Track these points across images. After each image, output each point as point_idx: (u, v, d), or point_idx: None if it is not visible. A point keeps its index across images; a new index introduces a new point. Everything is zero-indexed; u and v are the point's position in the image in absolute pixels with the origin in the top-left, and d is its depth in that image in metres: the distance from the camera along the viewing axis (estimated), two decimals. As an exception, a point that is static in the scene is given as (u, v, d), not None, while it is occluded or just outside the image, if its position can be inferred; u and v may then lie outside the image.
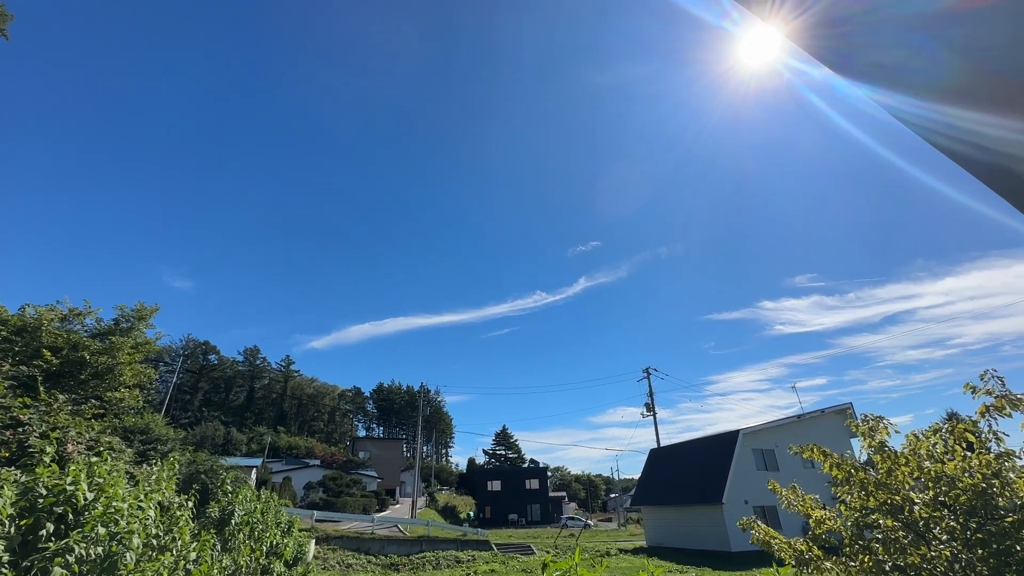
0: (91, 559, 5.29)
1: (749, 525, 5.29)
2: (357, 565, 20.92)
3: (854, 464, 4.65)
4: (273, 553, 11.86)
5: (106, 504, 5.72)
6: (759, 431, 28.75)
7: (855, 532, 4.81)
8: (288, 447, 79.86)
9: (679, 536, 28.09)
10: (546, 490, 68.66)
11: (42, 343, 11.34)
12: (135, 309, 13.97)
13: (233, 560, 10.15)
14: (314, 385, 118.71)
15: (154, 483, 7.66)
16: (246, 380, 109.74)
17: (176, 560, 6.63)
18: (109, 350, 12.65)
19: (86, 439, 9.18)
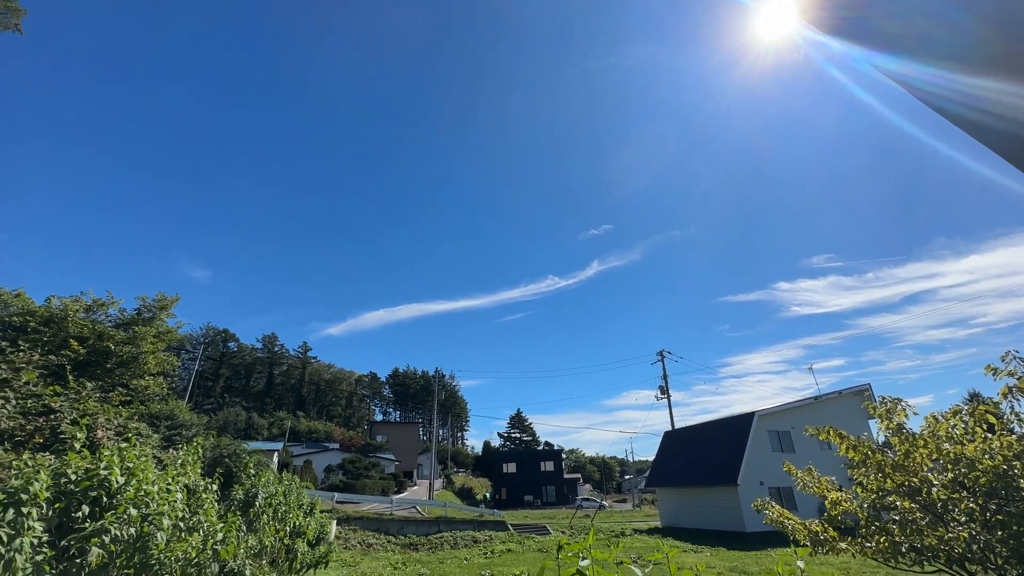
0: (125, 539, 5.52)
1: (763, 507, 5.29)
2: (377, 545, 21.48)
3: (871, 446, 4.61)
4: (296, 533, 12.22)
5: (137, 487, 5.94)
6: (775, 413, 28.59)
7: (871, 514, 4.80)
8: (308, 431, 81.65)
9: (694, 517, 28.27)
10: (561, 472, 69.43)
11: (69, 333, 11.67)
12: (156, 299, 14.28)
13: (259, 540, 10.48)
14: (331, 371, 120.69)
15: (180, 467, 7.92)
16: (265, 367, 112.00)
17: (204, 540, 6.88)
18: (133, 339, 12.98)
19: (115, 425, 9.49)
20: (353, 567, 15.25)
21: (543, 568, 2.55)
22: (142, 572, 5.72)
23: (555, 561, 2.59)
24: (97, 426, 8.73)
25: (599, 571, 2.44)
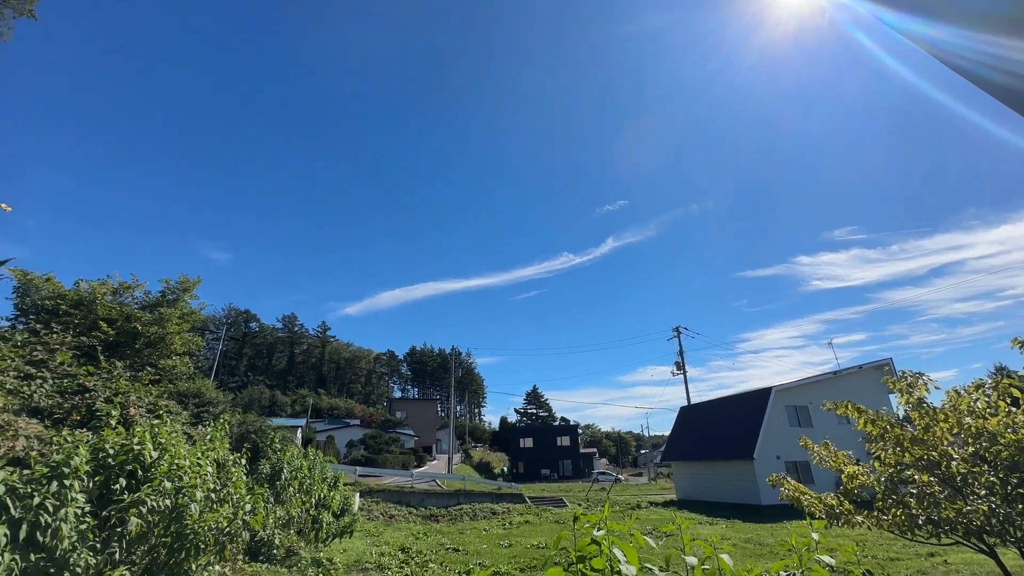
0: (161, 510, 5.80)
1: (779, 481, 5.32)
2: (399, 516, 22.21)
3: (889, 420, 4.58)
4: (322, 505, 12.69)
5: (170, 461, 6.21)
6: (793, 388, 28.41)
7: (888, 487, 4.80)
8: (329, 408, 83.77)
9: (709, 490, 28.53)
10: (577, 446, 70.39)
11: (98, 316, 12.05)
12: (179, 282, 14.62)
13: (286, 511, 10.93)
14: (350, 349, 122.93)
15: (209, 442, 8.24)
16: (286, 346, 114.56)
17: (235, 511, 7.20)
18: (159, 321, 13.36)
19: (146, 403, 9.86)
20: (377, 537, 15.83)
21: (559, 537, 2.63)
22: (178, 540, 6.03)
23: (571, 531, 2.66)
24: (129, 404, 9.08)
25: (614, 540, 2.50)
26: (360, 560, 11.56)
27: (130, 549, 5.59)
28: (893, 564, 11.16)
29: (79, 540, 4.82)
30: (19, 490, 4.41)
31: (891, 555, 12.06)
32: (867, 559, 11.69)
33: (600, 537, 2.44)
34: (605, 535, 2.45)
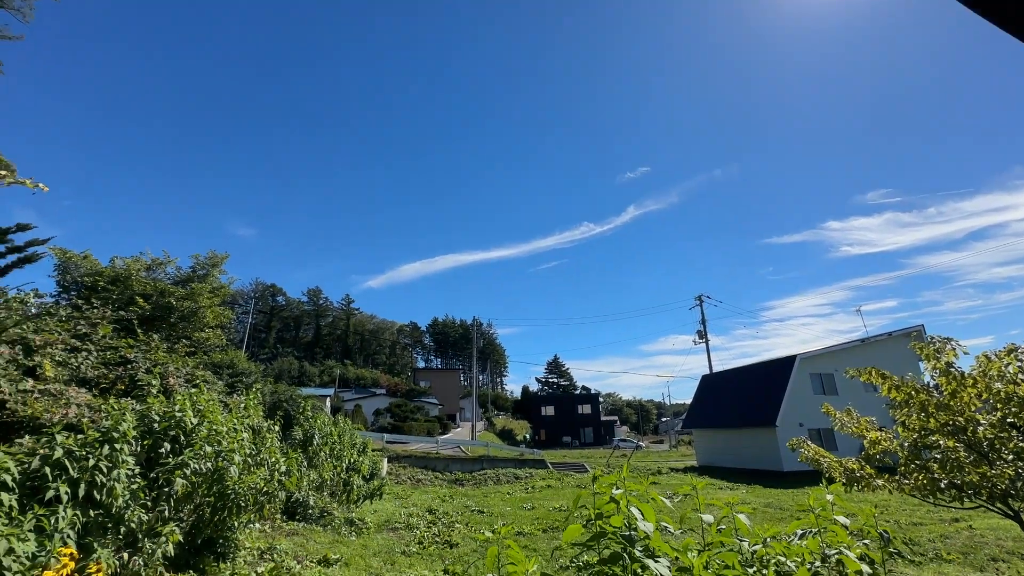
0: (203, 472, 6.17)
1: (798, 445, 5.35)
2: (426, 480, 23.07)
3: (914, 386, 4.52)
4: (352, 469, 13.27)
5: (208, 428, 6.56)
6: (818, 356, 28.02)
7: (912, 452, 4.77)
8: (356, 378, 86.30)
9: (730, 457, 28.72)
10: (598, 414, 71.25)
11: (134, 291, 12.54)
12: (208, 257, 15.05)
13: (319, 475, 11.48)
14: (374, 322, 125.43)
15: (244, 410, 8.64)
16: (312, 319, 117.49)
17: (271, 473, 7.61)
18: (191, 295, 13.83)
19: (183, 373, 10.33)
20: (405, 499, 16.52)
21: (578, 496, 2.73)
22: (220, 500, 6.43)
23: (591, 491, 2.75)
24: (168, 374, 9.54)
25: (632, 500, 2.59)
26: (390, 520, 12.13)
27: (177, 507, 6.00)
28: (916, 528, 11.17)
29: (132, 498, 5.19)
30: (75, 452, 4.75)
31: (914, 520, 12.06)
32: (889, 523, 11.72)
33: (618, 496, 2.53)
34: (623, 494, 2.54)
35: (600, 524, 2.56)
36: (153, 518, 5.56)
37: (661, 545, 2.46)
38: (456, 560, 8.65)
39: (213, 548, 6.48)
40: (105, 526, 4.89)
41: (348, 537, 9.75)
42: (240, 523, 6.86)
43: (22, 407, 6.27)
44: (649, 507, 2.51)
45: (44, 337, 7.87)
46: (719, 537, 2.97)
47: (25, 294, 9.22)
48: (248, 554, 6.96)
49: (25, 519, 4.05)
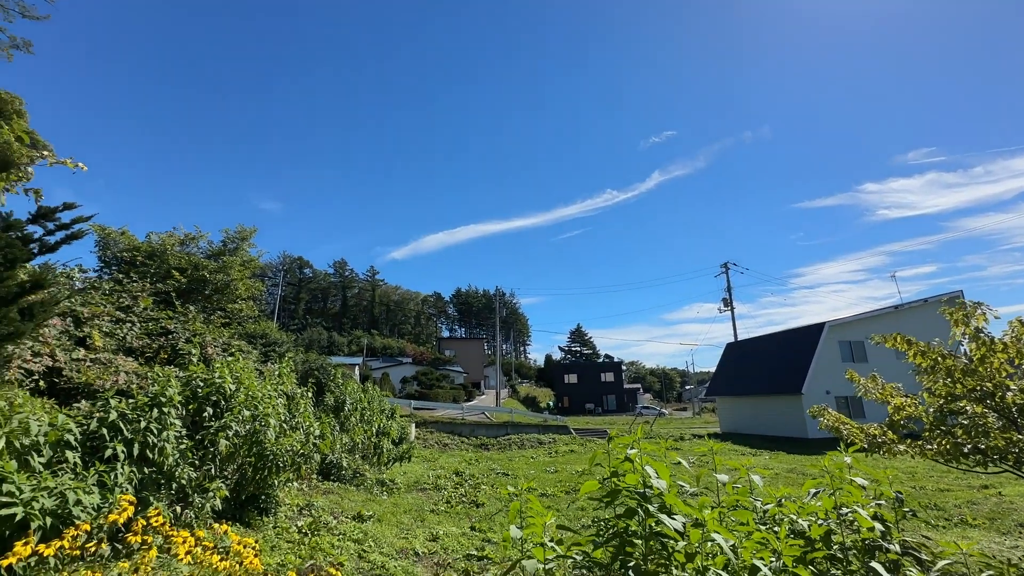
0: (243, 434, 6.56)
1: (820, 412, 5.35)
2: (452, 445, 23.88)
3: (941, 351, 4.45)
4: (382, 433, 13.84)
5: (246, 393, 6.92)
6: (848, 323, 27.38)
7: (937, 418, 4.73)
8: (383, 348, 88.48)
9: (754, 424, 28.71)
10: (621, 382, 71.70)
11: (170, 265, 13.06)
12: (237, 231, 15.48)
13: (350, 438, 12.02)
14: (398, 292, 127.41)
15: (278, 377, 9.05)
16: (339, 290, 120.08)
17: (306, 436, 8.02)
18: (223, 268, 14.33)
19: (220, 343, 10.83)
20: (432, 462, 17.20)
21: (595, 455, 2.85)
22: (260, 460, 6.85)
23: (606, 451, 2.86)
24: (207, 344, 10.02)
25: (647, 459, 2.69)
26: (419, 481, 12.70)
27: (222, 466, 6.43)
28: (942, 495, 11.11)
29: (181, 457, 5.59)
30: (128, 415, 5.12)
31: (941, 487, 11.97)
32: (915, 489, 11.68)
33: (632, 455, 2.63)
34: (637, 454, 2.64)
35: (615, 482, 2.67)
36: (201, 475, 5.98)
37: (675, 502, 2.57)
38: (482, 518, 9.06)
39: (256, 504, 6.94)
40: (158, 482, 5.30)
41: (380, 496, 10.28)
42: (279, 482, 7.32)
43: (77, 374, 6.73)
44: (663, 466, 2.61)
45: (92, 310, 8.35)
46: (734, 496, 3.06)
47: (71, 269, 9.74)
48: (288, 510, 7.44)
49: (88, 474, 4.43)
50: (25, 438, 4.14)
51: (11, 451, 4.01)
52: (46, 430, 4.39)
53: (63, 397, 6.47)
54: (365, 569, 5.59)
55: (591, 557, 2.77)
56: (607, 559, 2.70)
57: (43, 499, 3.86)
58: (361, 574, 5.43)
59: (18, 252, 3.02)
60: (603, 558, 2.74)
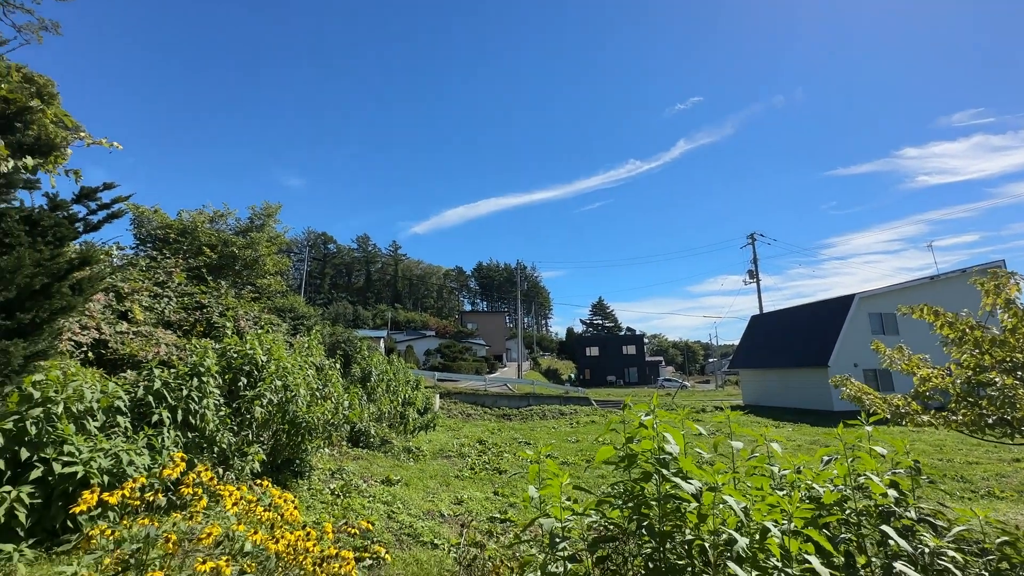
0: (276, 403, 6.88)
1: (842, 382, 5.32)
2: (475, 415, 24.46)
3: (969, 322, 4.35)
4: (407, 403, 14.28)
5: (277, 364, 7.23)
6: (879, 294, 26.61)
7: (965, 390, 4.67)
8: (406, 321, 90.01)
9: (778, 396, 28.48)
10: (643, 355, 71.65)
11: (201, 242, 13.49)
12: (263, 208, 15.82)
13: (377, 408, 12.45)
14: (420, 267, 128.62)
15: (307, 350, 9.38)
16: (362, 265, 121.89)
17: (335, 406, 8.36)
18: (251, 244, 14.73)
19: (251, 317, 11.25)
20: (456, 431, 17.70)
21: (611, 421, 2.94)
22: (293, 427, 7.20)
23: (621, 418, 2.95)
24: (239, 317, 10.43)
25: (663, 427, 2.76)
26: (443, 449, 13.14)
27: (258, 432, 6.79)
28: (970, 467, 10.96)
29: (220, 424, 5.94)
30: (171, 384, 5.44)
31: (970, 460, 11.79)
32: (942, 462, 11.55)
33: (648, 422, 2.71)
34: (652, 420, 2.72)
35: (631, 447, 2.77)
36: (239, 440, 6.34)
37: (690, 467, 2.65)
38: (504, 484, 9.37)
39: (291, 467, 7.34)
40: (201, 446, 5.66)
41: (406, 462, 10.71)
42: (312, 447, 7.69)
43: (121, 346, 7.13)
44: (677, 431, 2.68)
45: (131, 285, 8.75)
46: (751, 462, 3.13)
47: (109, 247, 10.17)
48: (321, 473, 7.85)
49: (138, 438, 4.77)
50: (80, 404, 4.47)
51: (69, 416, 4.33)
52: (98, 397, 4.72)
53: (110, 367, 6.89)
54: (394, 528, 5.91)
55: (608, 517, 2.90)
56: (623, 520, 2.82)
57: (100, 459, 4.19)
58: (391, 533, 5.74)
59: (66, 231, 3.21)
60: (619, 519, 2.87)
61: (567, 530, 2.76)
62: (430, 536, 5.74)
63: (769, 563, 2.39)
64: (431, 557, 5.04)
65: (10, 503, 3.66)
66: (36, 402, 4.13)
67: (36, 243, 3.00)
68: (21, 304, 2.93)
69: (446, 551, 5.24)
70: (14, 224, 2.91)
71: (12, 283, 2.75)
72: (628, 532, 2.81)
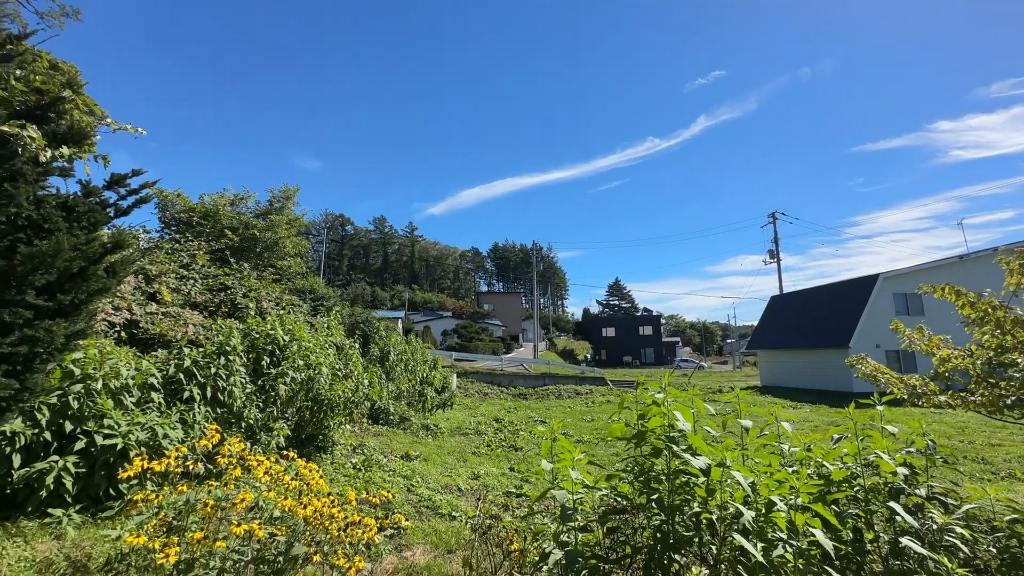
0: (299, 381, 7.12)
1: (858, 360, 5.29)
2: (492, 394, 24.84)
3: (992, 302, 4.27)
4: (425, 382, 14.57)
5: (299, 344, 7.45)
6: (905, 274, 25.94)
7: (985, 370, 4.61)
8: (423, 302, 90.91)
9: (796, 377, 28.22)
10: (659, 335, 71.32)
11: (223, 224, 13.79)
12: (282, 190, 16.04)
13: (396, 387, 12.74)
14: (437, 248, 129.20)
15: (328, 329, 9.62)
16: (379, 246, 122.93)
17: (356, 384, 8.60)
18: (271, 227, 15.00)
19: (273, 298, 11.54)
20: (473, 409, 18.04)
21: (623, 399, 3.01)
22: (316, 404, 7.46)
23: (634, 396, 3.02)
24: (262, 298, 10.71)
25: (675, 405, 2.83)
26: (461, 427, 13.43)
27: (283, 409, 7.06)
28: (992, 449, 10.82)
29: (247, 401, 6.19)
30: (199, 362, 5.68)
31: (992, 442, 11.62)
32: (963, 444, 11.41)
33: (660, 399, 2.78)
34: (663, 398, 2.78)
35: (642, 424, 2.84)
36: (265, 417, 6.61)
37: (699, 443, 2.72)
38: (520, 460, 9.59)
39: (315, 442, 7.62)
40: (229, 421, 5.92)
41: (425, 439, 11.00)
42: (334, 424, 7.97)
43: (151, 326, 7.42)
44: (687, 409, 2.74)
45: (158, 267, 9.04)
46: (761, 440, 3.18)
47: (137, 230, 10.48)
48: (343, 449, 8.14)
49: (172, 413, 5.02)
50: (116, 381, 4.71)
51: (107, 391, 4.58)
52: (133, 374, 4.97)
53: (141, 346, 7.20)
54: (414, 501, 6.14)
55: (618, 491, 3.00)
56: (634, 494, 2.92)
57: (137, 432, 4.44)
58: (410, 505, 5.97)
59: (99, 216, 3.36)
60: (630, 493, 2.96)
61: (580, 502, 2.86)
62: (448, 508, 5.95)
63: (775, 536, 2.47)
64: (449, 528, 5.24)
65: (58, 472, 3.93)
66: (77, 378, 4.38)
67: (72, 228, 3.15)
68: (61, 286, 3.10)
69: (463, 522, 5.44)
70: (52, 210, 3.06)
71: (53, 267, 2.91)
72: (638, 506, 2.90)
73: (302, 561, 2.18)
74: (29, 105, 3.03)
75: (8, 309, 2.80)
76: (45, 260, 2.86)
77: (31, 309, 2.96)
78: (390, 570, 4.01)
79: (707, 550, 2.65)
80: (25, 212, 2.95)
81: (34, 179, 3.02)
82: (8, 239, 2.90)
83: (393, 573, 3.96)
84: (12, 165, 2.84)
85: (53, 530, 3.78)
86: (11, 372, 2.93)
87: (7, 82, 2.85)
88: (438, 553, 4.55)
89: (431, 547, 4.68)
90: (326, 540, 2.25)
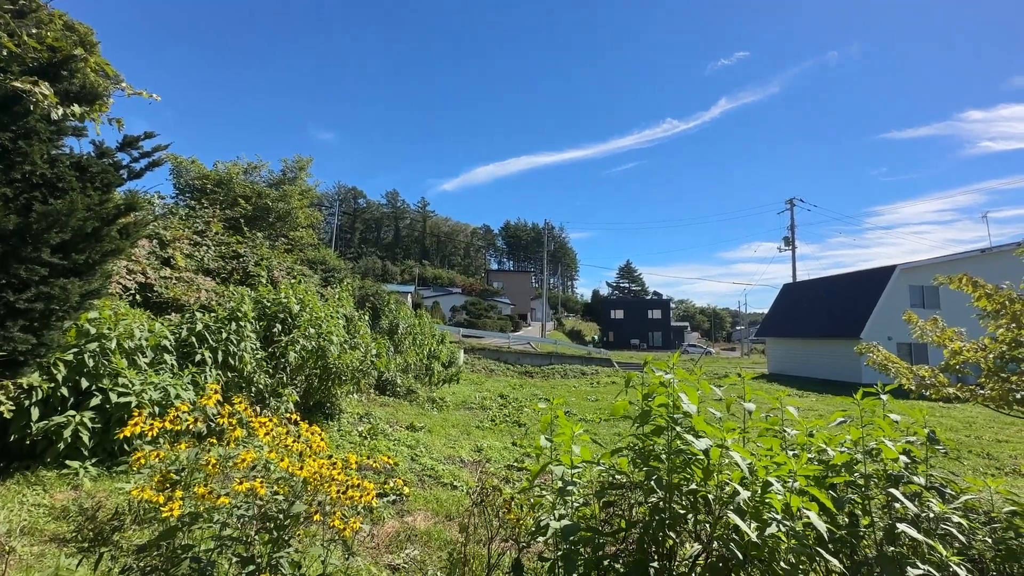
0: (310, 349, 7.23)
1: (868, 348, 5.24)
2: (498, 371, 25.07)
3: (1009, 295, 4.17)
4: (432, 356, 14.73)
5: (311, 314, 7.54)
6: (923, 266, 25.44)
7: (998, 364, 4.54)
8: (433, 278, 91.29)
9: (804, 366, 28.07)
10: (668, 319, 71.16)
11: (237, 193, 13.86)
12: (295, 161, 16.03)
13: (404, 359, 12.90)
14: (448, 224, 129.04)
15: (338, 301, 9.71)
16: (391, 221, 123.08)
17: (364, 355, 8.73)
18: (284, 197, 15.05)
19: (285, 268, 11.65)
20: (479, 385, 18.25)
21: (629, 377, 3.02)
22: (324, 372, 7.59)
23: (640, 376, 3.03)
24: (273, 267, 10.82)
25: (681, 386, 2.83)
26: (466, 401, 13.62)
27: (292, 376, 7.20)
28: (999, 445, 10.73)
29: (257, 366, 6.32)
30: (211, 327, 5.78)
31: (1000, 438, 11.53)
32: (970, 438, 11.33)
33: (667, 380, 2.78)
34: (669, 379, 2.78)
35: (645, 403, 2.85)
36: (275, 382, 6.75)
37: (701, 424, 2.72)
38: (523, 436, 9.72)
39: (323, 410, 7.78)
40: (240, 385, 6.06)
41: (430, 411, 11.18)
42: (342, 392, 8.12)
43: (165, 290, 7.54)
44: (692, 390, 2.75)
45: (173, 233, 9.14)
46: (763, 424, 3.18)
47: (151, 195, 10.57)
48: (350, 417, 8.30)
49: (184, 374, 5.14)
50: (130, 341, 4.82)
51: (121, 351, 4.69)
52: (146, 335, 5.08)
53: (155, 309, 7.33)
54: (417, 469, 6.27)
55: (617, 467, 3.03)
56: (632, 471, 2.95)
57: (150, 391, 4.56)
58: (413, 473, 6.10)
59: (112, 177, 3.38)
60: (628, 470, 2.99)
61: (579, 475, 2.90)
62: (450, 478, 6.08)
63: (770, 516, 2.49)
64: (450, 496, 5.37)
65: (75, 426, 4.06)
66: (92, 337, 4.48)
67: (86, 188, 3.18)
68: (75, 245, 3.15)
69: (464, 492, 5.56)
70: (66, 170, 3.08)
71: (67, 225, 2.95)
72: (636, 483, 2.94)
73: (304, 519, 2.24)
74: (42, 62, 3.03)
75: (24, 265, 2.86)
76: (59, 219, 2.90)
77: (46, 267, 3.01)
78: (391, 533, 4.13)
79: (701, 528, 2.69)
80: (40, 170, 2.98)
81: (48, 137, 3.04)
82: (23, 197, 2.94)
83: (394, 536, 4.08)
84: (26, 123, 2.86)
85: (70, 481, 3.94)
86: (28, 327, 3.01)
87: (20, 38, 2.85)
88: (438, 520, 4.67)
89: (432, 514, 4.80)
90: (327, 501, 2.31)
